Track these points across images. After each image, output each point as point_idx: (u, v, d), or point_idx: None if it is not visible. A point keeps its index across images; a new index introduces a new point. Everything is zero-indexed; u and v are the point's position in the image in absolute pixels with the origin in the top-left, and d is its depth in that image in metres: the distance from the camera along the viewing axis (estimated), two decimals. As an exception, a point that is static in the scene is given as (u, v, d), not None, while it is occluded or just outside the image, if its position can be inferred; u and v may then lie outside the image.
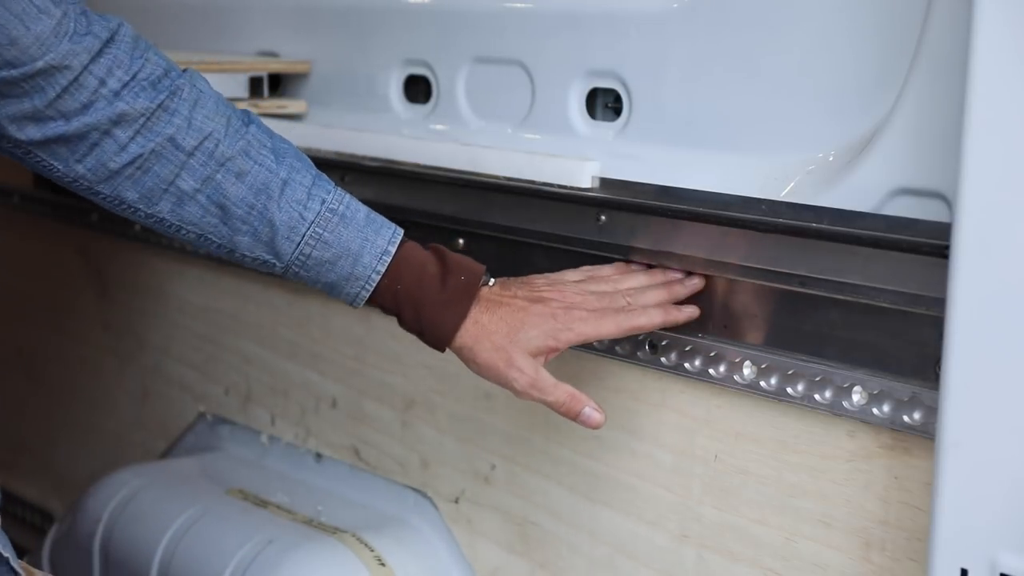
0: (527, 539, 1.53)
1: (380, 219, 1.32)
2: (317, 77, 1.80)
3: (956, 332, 1.04)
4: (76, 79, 1.23)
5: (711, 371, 1.31)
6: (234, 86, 1.83)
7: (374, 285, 1.30)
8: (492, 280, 1.32)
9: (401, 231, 1.31)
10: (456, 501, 1.61)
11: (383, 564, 1.59)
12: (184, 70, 1.30)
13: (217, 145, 1.27)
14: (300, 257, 1.29)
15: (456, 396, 1.59)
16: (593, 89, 1.48)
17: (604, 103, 1.49)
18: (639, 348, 1.36)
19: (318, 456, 1.80)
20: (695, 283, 1.33)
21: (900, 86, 1.20)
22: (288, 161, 1.30)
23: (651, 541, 1.40)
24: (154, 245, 1.99)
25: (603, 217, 1.40)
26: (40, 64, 1.21)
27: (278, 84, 1.84)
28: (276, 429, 1.86)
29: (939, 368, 1.07)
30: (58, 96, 1.23)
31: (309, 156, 1.34)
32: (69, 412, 2.24)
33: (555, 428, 1.48)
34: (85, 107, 1.24)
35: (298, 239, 1.28)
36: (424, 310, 1.29)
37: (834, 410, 1.22)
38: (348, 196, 1.31)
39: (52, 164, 1.28)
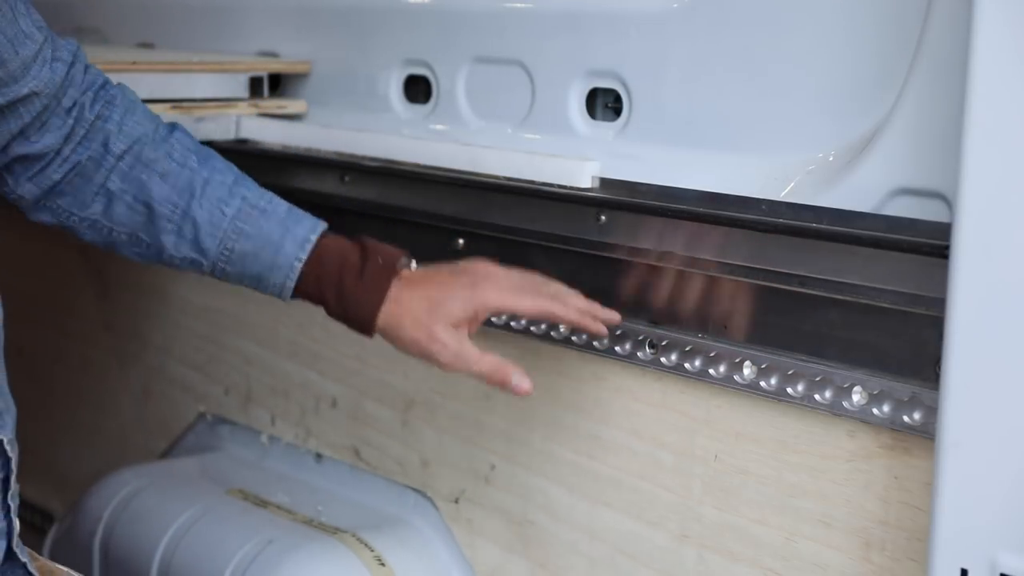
0: (527, 539, 1.53)
1: (302, 213, 1.36)
2: (317, 77, 1.80)
3: (956, 332, 1.04)
4: (47, 106, 1.29)
5: (711, 371, 1.30)
6: (234, 86, 1.84)
7: (297, 273, 1.33)
8: (414, 263, 1.35)
9: (323, 223, 1.35)
10: (456, 501, 1.61)
11: (383, 564, 1.59)
12: (116, 84, 1.37)
13: (143, 148, 1.34)
14: (224, 252, 1.33)
15: (456, 396, 1.59)
16: (593, 89, 1.48)
17: (604, 103, 1.49)
18: (639, 348, 1.36)
19: (318, 456, 1.80)
20: (612, 315, 1.35)
21: (900, 86, 1.20)
22: (211, 163, 1.36)
23: (651, 541, 1.40)
24: (154, 245, 1.99)
25: (603, 217, 1.40)
26: (24, 90, 1.26)
27: (278, 84, 1.84)
28: (276, 429, 1.86)
29: (939, 368, 1.07)
30: (31, 122, 1.29)
31: (309, 156, 1.35)
32: (70, 412, 2.24)
33: (555, 428, 1.48)
34: (47, 130, 1.31)
35: (220, 234, 1.33)
36: (346, 295, 1.32)
37: (834, 410, 1.21)
38: (270, 194, 1.36)
39: (3, 179, 1.33)
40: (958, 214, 1.03)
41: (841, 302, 1.21)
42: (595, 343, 1.39)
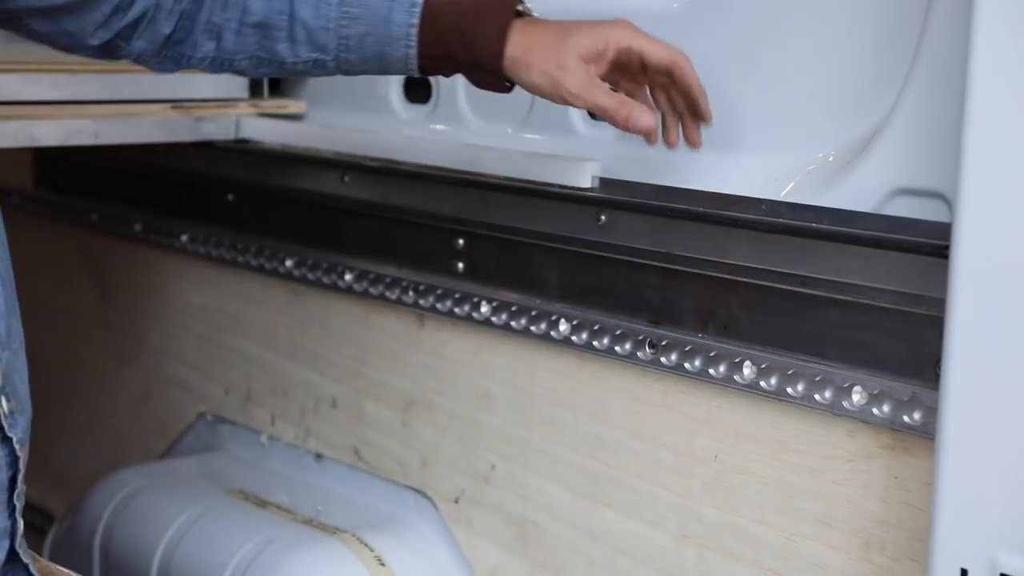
0: (527, 539, 1.53)
1: None
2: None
3: (956, 332, 1.04)
4: None
5: (711, 371, 1.31)
6: (234, 86, 1.84)
7: (415, 39, 1.32)
8: (533, 11, 1.34)
9: None
10: (456, 501, 1.61)
11: (383, 564, 1.59)
12: None
13: None
14: (342, 41, 1.34)
15: (456, 396, 1.59)
16: (593, 89, 1.48)
17: (604, 103, 1.49)
18: (639, 348, 1.36)
19: (318, 456, 1.80)
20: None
21: (900, 86, 1.20)
22: None
23: (651, 541, 1.40)
24: (154, 245, 1.99)
25: (603, 217, 1.40)
26: None
27: (278, 84, 1.84)
28: (276, 429, 1.86)
29: (939, 368, 1.07)
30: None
31: (309, 156, 1.35)
32: (69, 412, 2.24)
33: (555, 428, 1.48)
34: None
35: (332, 25, 1.34)
36: (469, 36, 1.31)
37: (834, 410, 1.21)
38: None
39: (118, 46, 1.36)
40: (958, 214, 1.03)
41: (841, 302, 1.21)
42: (603, 345, 1.39)
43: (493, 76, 1.32)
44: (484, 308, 1.52)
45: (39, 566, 1.31)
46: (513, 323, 1.48)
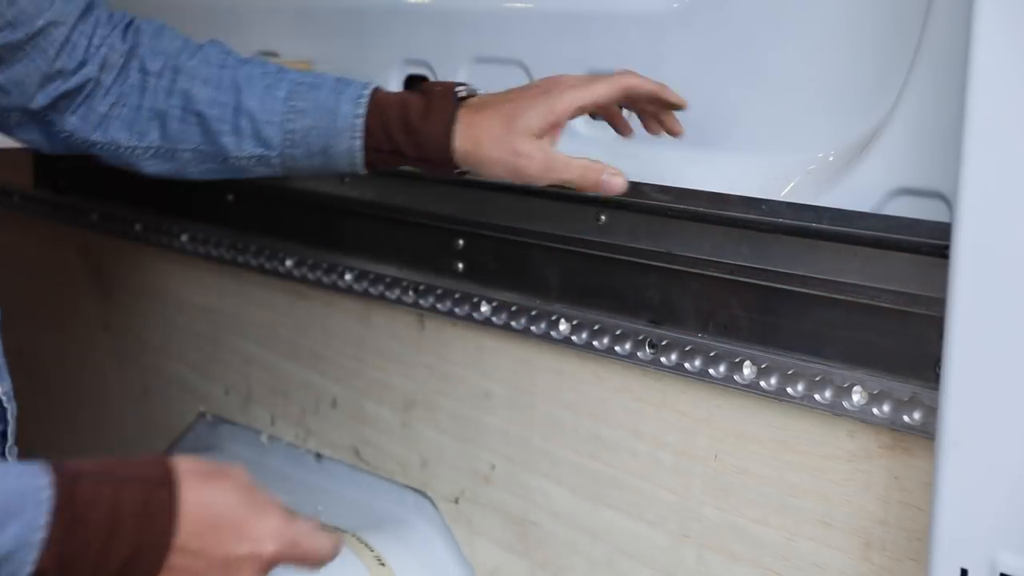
0: (527, 539, 1.53)
1: (350, 79, 1.34)
2: (317, 77, 1.80)
3: (956, 332, 1.04)
4: (68, 37, 1.32)
5: (711, 371, 1.31)
6: (234, 86, 1.83)
7: (360, 130, 1.31)
8: (479, 91, 1.33)
9: (375, 83, 1.34)
10: (456, 501, 1.61)
11: (383, 564, 1.59)
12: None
13: (179, 60, 1.36)
14: (287, 136, 1.32)
15: (456, 396, 1.59)
16: (593, 89, 1.48)
17: (604, 103, 1.49)
18: (639, 348, 1.36)
19: (318, 456, 1.80)
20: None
21: (900, 86, 1.20)
22: (250, 60, 1.37)
23: (651, 541, 1.40)
24: (154, 245, 1.99)
25: (603, 217, 1.40)
26: (40, 23, 1.29)
27: (278, 84, 1.84)
28: (276, 429, 1.86)
29: (939, 368, 1.07)
30: (57, 54, 1.32)
31: (309, 156, 1.35)
32: (70, 412, 2.24)
33: (555, 428, 1.48)
34: (78, 61, 1.34)
35: (278, 119, 1.32)
36: (416, 131, 1.29)
37: (834, 410, 1.21)
38: (315, 71, 1.36)
39: (53, 120, 1.36)
40: (958, 214, 1.03)
41: (841, 302, 1.21)
42: (607, 343, 1.39)
43: (443, 169, 1.32)
44: (484, 308, 1.52)
45: None
46: (513, 323, 1.49)
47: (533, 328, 1.46)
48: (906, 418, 1.16)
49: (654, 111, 1.35)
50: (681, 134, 1.35)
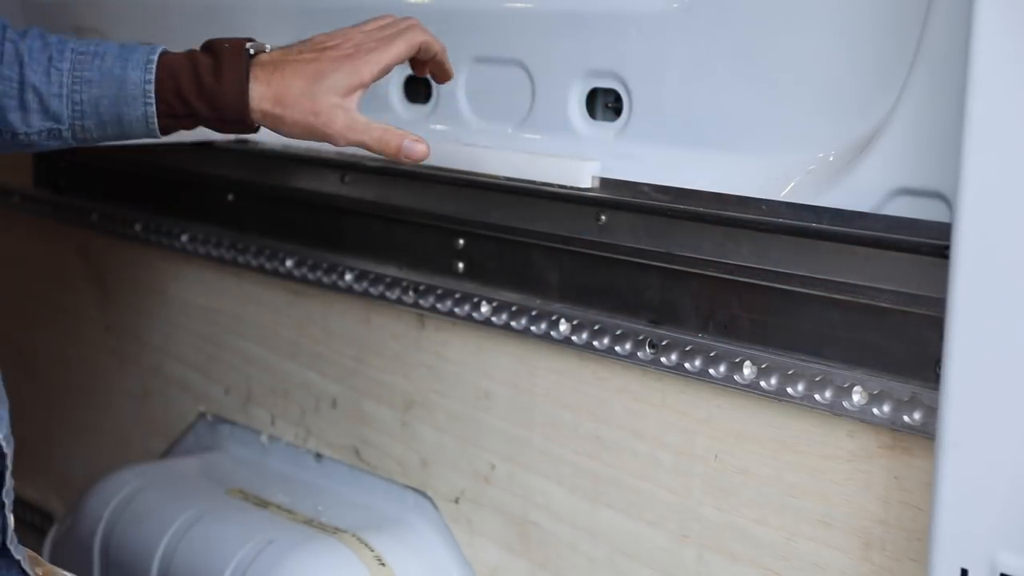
0: (527, 539, 1.53)
1: (135, 44, 1.31)
2: (317, 77, 1.80)
3: (956, 332, 1.04)
4: None
5: (711, 371, 1.31)
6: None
7: (152, 95, 1.27)
8: (268, 46, 1.31)
9: (161, 46, 1.30)
10: (456, 501, 1.61)
11: (383, 564, 1.59)
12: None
13: None
14: (75, 108, 1.28)
15: (456, 396, 1.59)
16: (593, 89, 1.48)
17: (604, 103, 1.49)
18: (639, 348, 1.36)
19: (318, 456, 1.80)
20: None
21: (900, 86, 1.20)
22: (32, 32, 1.30)
23: (651, 541, 1.40)
24: (154, 245, 1.99)
25: (603, 217, 1.40)
26: None
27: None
28: (276, 429, 1.86)
29: (939, 368, 1.07)
30: None
31: (309, 156, 1.34)
32: (69, 412, 2.24)
33: (555, 428, 1.48)
34: None
35: (64, 91, 1.28)
36: (210, 92, 1.27)
37: (834, 410, 1.21)
38: (97, 39, 1.31)
39: None
40: (958, 214, 1.03)
41: (841, 302, 1.21)
42: (609, 344, 1.39)
43: (240, 126, 1.30)
44: (484, 308, 1.52)
45: (44, 570, 1.31)
46: (513, 323, 1.48)
47: (533, 328, 1.46)
48: (906, 418, 1.16)
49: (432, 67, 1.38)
50: (449, 79, 1.40)
